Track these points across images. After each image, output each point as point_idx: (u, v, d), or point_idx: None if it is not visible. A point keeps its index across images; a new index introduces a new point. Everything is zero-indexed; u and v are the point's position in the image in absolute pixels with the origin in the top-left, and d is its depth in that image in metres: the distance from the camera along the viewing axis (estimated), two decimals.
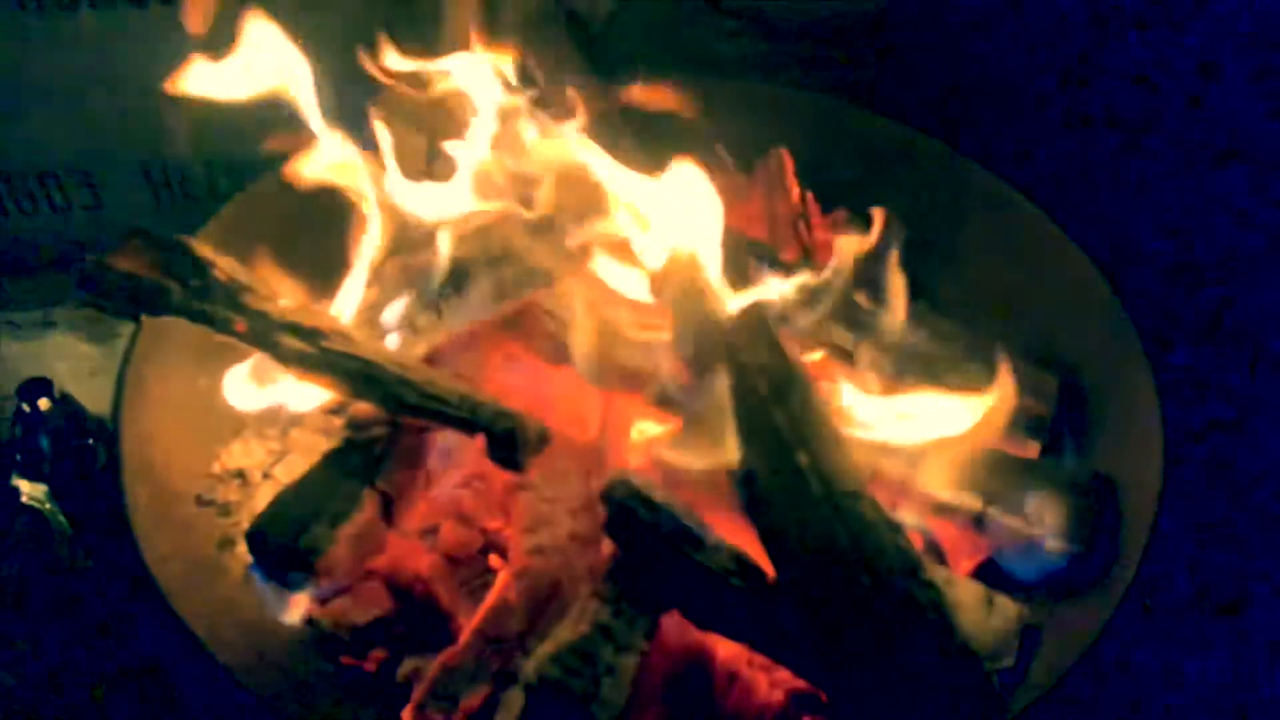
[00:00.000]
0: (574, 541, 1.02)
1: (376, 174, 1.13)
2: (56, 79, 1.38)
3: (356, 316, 1.10)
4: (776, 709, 0.95)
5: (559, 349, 1.15)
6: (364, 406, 1.05)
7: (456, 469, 1.07)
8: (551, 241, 1.13)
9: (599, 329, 1.13)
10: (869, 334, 1.14)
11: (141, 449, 1.04)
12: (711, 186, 1.05)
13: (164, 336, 1.08)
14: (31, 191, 1.47)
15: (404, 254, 1.17)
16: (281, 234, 1.12)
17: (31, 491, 1.17)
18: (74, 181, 1.47)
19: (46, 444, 1.15)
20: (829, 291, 1.14)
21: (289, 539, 0.99)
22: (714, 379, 0.96)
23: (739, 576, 0.88)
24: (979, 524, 1.04)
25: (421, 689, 0.94)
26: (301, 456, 1.13)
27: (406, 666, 0.99)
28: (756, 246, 1.19)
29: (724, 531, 0.90)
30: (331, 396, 1.05)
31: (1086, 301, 1.17)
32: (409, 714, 0.93)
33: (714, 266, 1.04)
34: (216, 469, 1.13)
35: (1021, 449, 1.12)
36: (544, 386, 1.15)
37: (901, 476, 1.04)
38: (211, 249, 1.04)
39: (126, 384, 1.06)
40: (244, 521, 1.07)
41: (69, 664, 1.15)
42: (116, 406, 1.04)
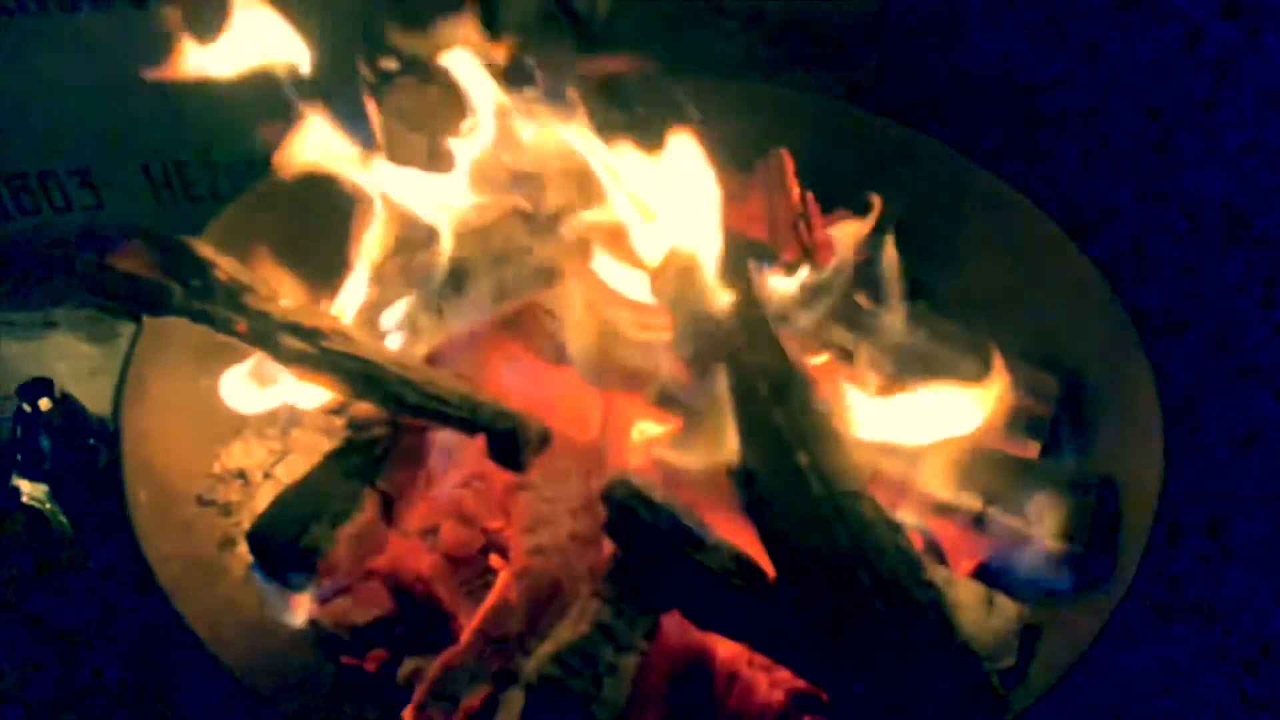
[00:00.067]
0: (574, 541, 1.02)
1: (370, 163, 1.12)
2: (57, 79, 1.38)
3: (357, 317, 1.10)
4: (776, 709, 0.95)
5: (559, 349, 1.15)
6: (365, 406, 1.05)
7: (457, 469, 1.07)
8: (552, 237, 1.13)
9: (599, 329, 1.13)
10: (869, 334, 1.14)
11: (142, 449, 1.04)
12: (708, 165, 1.04)
13: (165, 337, 1.08)
14: (32, 191, 1.47)
15: (404, 254, 1.17)
16: (283, 234, 1.12)
17: (32, 491, 1.17)
18: (75, 182, 1.47)
19: (47, 444, 1.15)
20: (830, 289, 1.14)
21: (290, 539, 0.98)
22: (714, 378, 0.96)
23: (739, 576, 0.88)
24: (979, 524, 1.04)
25: (422, 689, 0.94)
26: (302, 456, 1.13)
27: (407, 666, 0.99)
28: (757, 246, 1.19)
29: (724, 531, 0.90)
30: (332, 397, 1.05)
31: (1086, 301, 1.17)
32: (410, 714, 0.93)
33: (712, 260, 1.03)
34: (217, 469, 1.13)
35: (1021, 449, 1.12)
36: (544, 386, 1.15)
37: (901, 476, 1.04)
38: (213, 249, 1.04)
39: (127, 384, 1.06)
40: (245, 521, 1.07)
41: (69, 664, 1.15)
42: (117, 406, 1.04)
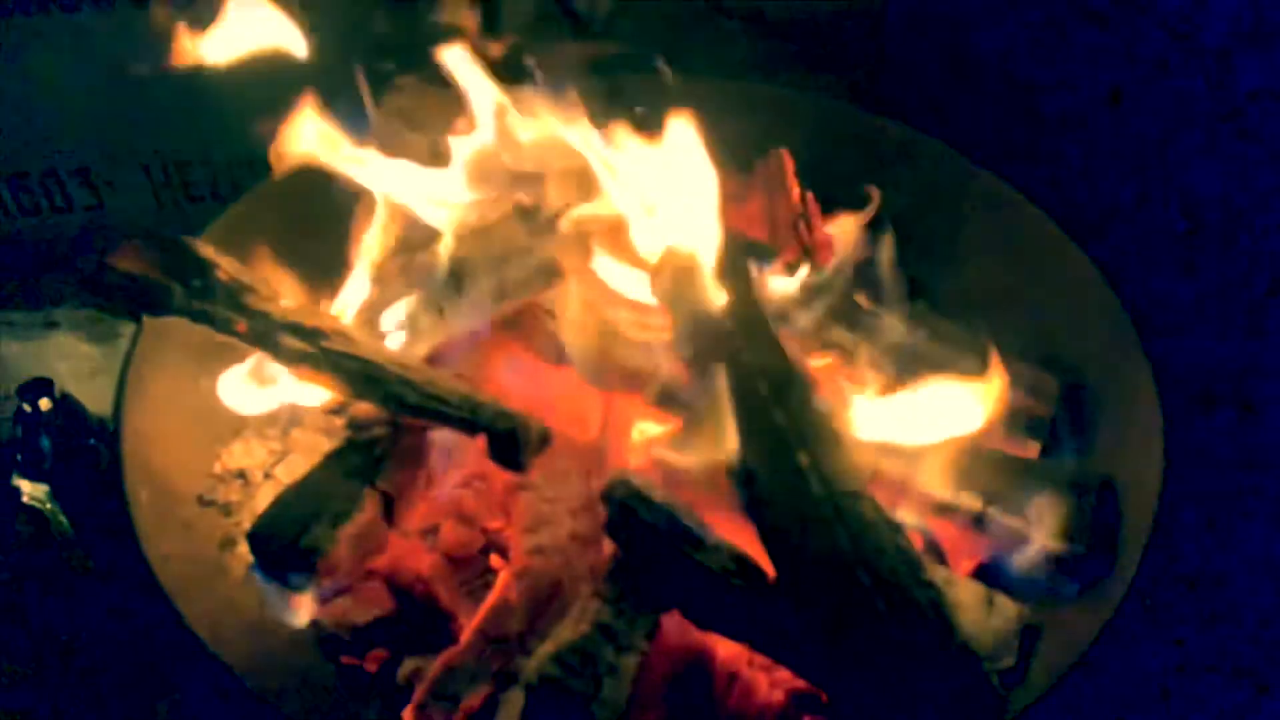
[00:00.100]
0: (575, 541, 1.02)
1: (366, 156, 1.12)
2: (58, 79, 1.38)
3: (357, 317, 1.10)
4: (777, 709, 0.95)
5: (559, 349, 1.15)
6: (365, 407, 1.05)
7: (457, 469, 1.07)
8: (552, 236, 1.13)
9: (599, 329, 1.13)
10: (869, 334, 1.14)
11: (143, 449, 1.04)
12: (707, 158, 1.04)
13: (165, 337, 1.08)
14: (33, 191, 1.48)
15: (405, 254, 1.17)
16: (283, 235, 1.12)
17: (32, 492, 1.17)
18: (75, 181, 1.47)
19: (47, 444, 1.15)
20: (830, 289, 1.14)
21: (290, 539, 0.99)
22: (714, 378, 0.96)
23: (739, 576, 0.88)
24: (979, 524, 1.04)
25: (422, 688, 0.94)
26: (302, 456, 1.13)
27: (407, 666, 0.99)
28: (757, 246, 1.19)
29: (724, 531, 0.90)
30: (332, 397, 1.05)
31: (1086, 301, 1.17)
32: (410, 713, 0.93)
33: (710, 259, 1.03)
34: (218, 469, 1.13)
35: (1021, 449, 1.12)
36: (544, 386, 1.15)
37: (901, 476, 1.04)
38: (213, 249, 1.04)
39: (128, 384, 1.06)
40: (245, 521, 1.07)
41: (70, 664, 1.15)
42: (118, 406, 1.04)
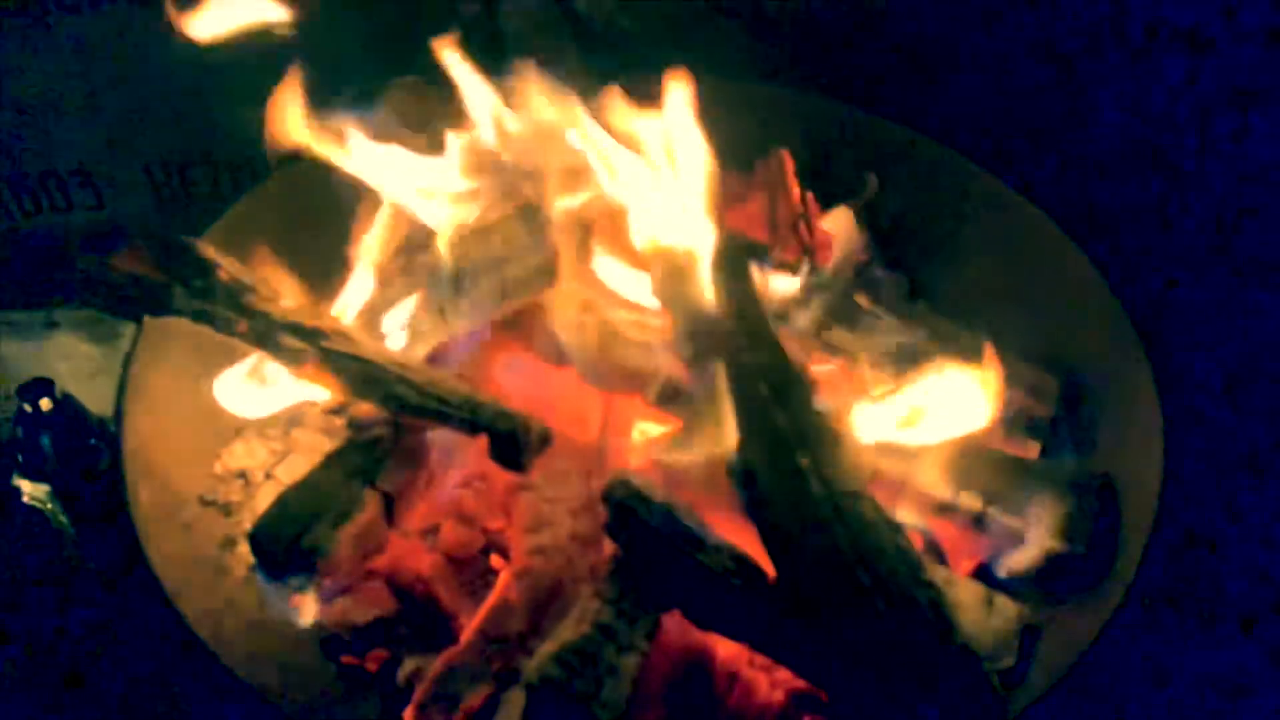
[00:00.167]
0: (575, 542, 1.02)
1: (356, 140, 1.11)
2: (58, 80, 1.38)
3: (358, 317, 1.10)
4: (777, 709, 0.95)
5: (559, 349, 1.15)
6: (365, 407, 1.05)
7: (458, 469, 1.07)
8: (551, 232, 1.13)
9: (599, 329, 1.13)
10: (869, 334, 1.14)
11: (143, 449, 1.04)
12: (699, 129, 1.05)
13: (166, 337, 1.08)
14: (33, 192, 1.48)
15: (405, 254, 1.17)
16: (284, 235, 1.12)
17: (33, 492, 1.17)
18: (76, 182, 1.47)
19: (48, 444, 1.15)
20: (831, 286, 1.14)
21: (291, 539, 0.99)
22: (714, 377, 0.96)
23: (739, 576, 0.88)
24: (979, 524, 1.04)
25: (423, 688, 0.94)
26: (303, 457, 1.13)
27: (408, 666, 0.99)
28: (756, 246, 1.19)
29: (724, 531, 0.90)
30: (333, 397, 1.05)
31: (1086, 301, 1.17)
32: (410, 713, 0.94)
33: (706, 257, 1.03)
34: (218, 469, 1.13)
35: (1021, 449, 1.12)
36: (545, 387, 1.15)
37: (901, 476, 1.04)
38: (214, 249, 1.04)
39: (128, 384, 1.06)
40: (246, 522, 1.07)
41: (70, 664, 1.15)
42: (118, 407, 1.04)
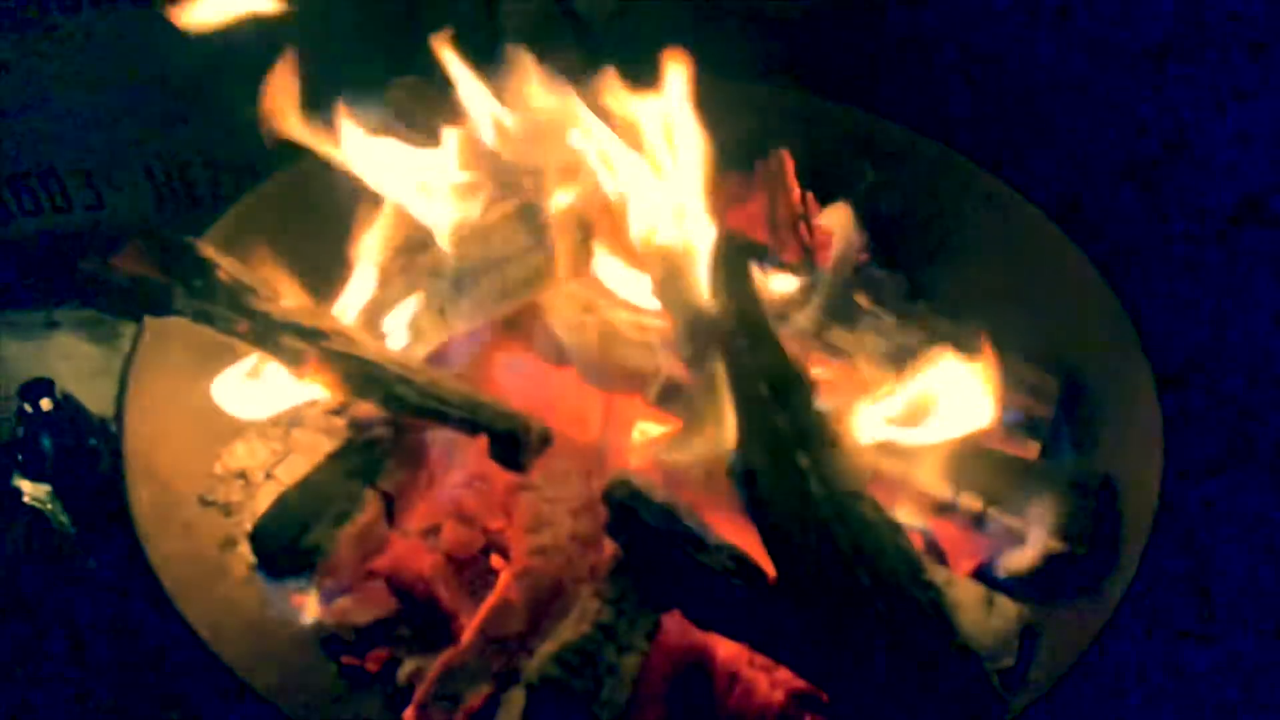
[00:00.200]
0: (575, 542, 1.02)
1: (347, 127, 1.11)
2: (59, 79, 1.39)
3: (359, 317, 1.10)
4: (777, 709, 0.95)
5: (559, 349, 1.15)
6: (366, 407, 1.05)
7: (458, 469, 1.07)
8: (551, 231, 1.13)
9: (599, 329, 1.13)
10: (869, 334, 1.14)
11: (144, 449, 1.04)
12: (694, 113, 1.06)
13: (166, 337, 1.08)
14: (34, 191, 1.48)
15: (406, 255, 1.17)
16: (285, 236, 1.12)
17: (34, 492, 1.17)
18: (76, 182, 1.47)
19: (49, 444, 1.15)
20: (831, 287, 1.14)
21: (291, 539, 0.99)
22: (713, 376, 0.96)
23: (739, 576, 0.88)
24: (979, 524, 1.04)
25: (424, 688, 0.95)
26: (304, 457, 1.13)
27: (408, 666, 0.99)
28: (756, 246, 1.20)
29: (724, 531, 0.91)
30: (333, 397, 1.05)
31: (1086, 301, 1.17)
32: (411, 713, 0.94)
33: (703, 256, 1.03)
34: (219, 469, 1.13)
35: (1021, 449, 1.12)
36: (545, 386, 1.15)
37: (901, 476, 1.04)
38: (214, 250, 1.04)
39: (129, 384, 1.06)
40: (246, 522, 1.07)
41: (71, 664, 1.15)
42: (119, 407, 1.05)
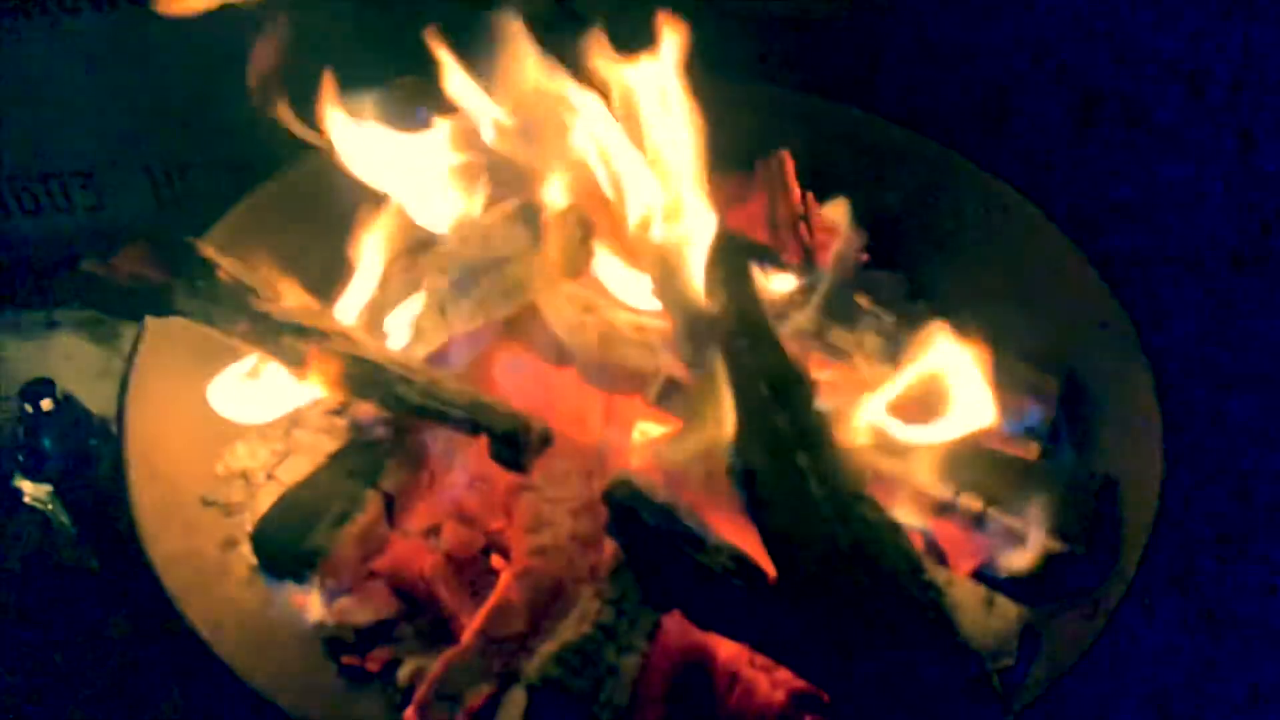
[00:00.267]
0: (576, 542, 1.02)
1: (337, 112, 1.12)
2: (59, 80, 1.39)
3: (360, 317, 1.10)
4: (777, 709, 0.96)
5: (559, 349, 1.15)
6: (367, 407, 1.05)
7: (459, 470, 1.08)
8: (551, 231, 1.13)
9: (599, 329, 1.13)
10: (869, 334, 1.14)
11: (145, 450, 1.04)
12: (689, 104, 1.07)
13: (167, 337, 1.08)
14: (34, 192, 1.48)
15: (407, 255, 1.17)
16: (286, 236, 1.13)
17: (35, 492, 1.17)
18: (76, 183, 1.47)
19: (49, 445, 1.16)
20: (831, 287, 1.14)
21: (293, 540, 0.99)
22: (713, 374, 0.96)
23: (739, 576, 0.88)
24: (979, 524, 1.04)
25: (424, 688, 0.95)
26: (304, 457, 1.13)
27: (409, 666, 0.99)
28: (756, 247, 1.20)
29: (725, 531, 0.91)
30: (333, 397, 1.05)
31: (1086, 301, 1.17)
32: (412, 713, 0.94)
33: (701, 256, 1.04)
34: (220, 470, 1.13)
35: (1021, 449, 1.12)
36: (545, 387, 1.15)
37: (901, 476, 1.04)
38: (215, 250, 1.04)
39: (130, 385, 1.06)
40: (248, 522, 1.07)
41: (71, 664, 1.15)
42: (120, 407, 1.05)
